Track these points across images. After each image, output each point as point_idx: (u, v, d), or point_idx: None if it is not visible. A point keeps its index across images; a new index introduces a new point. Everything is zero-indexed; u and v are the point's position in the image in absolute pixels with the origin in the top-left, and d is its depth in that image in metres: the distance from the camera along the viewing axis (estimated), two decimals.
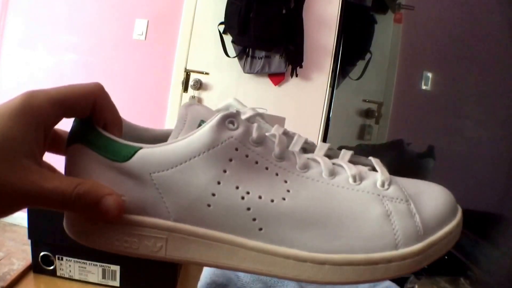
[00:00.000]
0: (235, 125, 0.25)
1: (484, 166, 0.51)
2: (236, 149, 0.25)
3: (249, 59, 2.16)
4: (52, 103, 0.25)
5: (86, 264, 0.69)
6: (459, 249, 0.50)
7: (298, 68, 2.18)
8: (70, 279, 0.70)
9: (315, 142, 1.16)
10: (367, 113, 1.07)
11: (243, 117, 0.28)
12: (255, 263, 0.25)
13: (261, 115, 0.28)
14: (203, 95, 2.26)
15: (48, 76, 2.26)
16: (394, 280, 0.52)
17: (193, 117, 0.26)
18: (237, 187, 0.24)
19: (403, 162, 0.77)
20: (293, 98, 2.26)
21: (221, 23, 2.12)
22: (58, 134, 0.30)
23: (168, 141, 0.25)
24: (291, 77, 2.22)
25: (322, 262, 0.24)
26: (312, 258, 0.24)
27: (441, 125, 0.64)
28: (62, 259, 0.69)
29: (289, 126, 1.18)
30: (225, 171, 0.24)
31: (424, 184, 0.29)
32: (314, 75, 2.26)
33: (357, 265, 0.25)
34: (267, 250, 0.25)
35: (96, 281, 0.70)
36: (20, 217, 2.04)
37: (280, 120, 0.31)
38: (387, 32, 1.03)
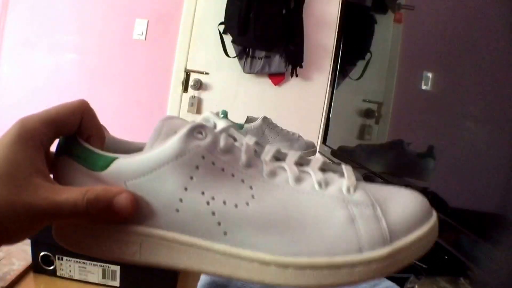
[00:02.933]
0: (203, 134, 0.27)
1: (484, 166, 0.51)
2: (203, 157, 0.26)
3: (249, 59, 2.16)
4: (44, 124, 0.27)
5: (86, 264, 0.69)
6: (459, 249, 0.50)
7: (298, 68, 2.18)
8: (70, 279, 0.70)
9: (315, 142, 1.15)
10: (367, 113, 1.07)
11: (217, 128, 0.29)
12: (222, 266, 0.26)
13: (234, 127, 0.30)
14: (203, 95, 2.26)
15: (48, 76, 2.26)
16: (393, 280, 0.52)
17: (168, 129, 0.27)
18: (203, 193, 0.26)
19: (403, 162, 0.77)
20: (293, 98, 2.26)
21: (221, 23, 2.12)
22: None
23: (143, 152, 0.27)
24: (291, 77, 2.22)
25: (285, 266, 0.25)
26: (275, 261, 0.25)
27: (441, 125, 0.64)
28: (62, 259, 0.69)
29: (289, 126, 1.17)
30: (192, 178, 0.26)
31: (393, 189, 0.29)
32: (314, 75, 2.26)
33: (319, 269, 0.25)
34: (232, 253, 0.26)
35: (96, 281, 0.70)
36: None
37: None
38: (387, 32, 1.03)
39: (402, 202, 0.27)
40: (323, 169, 0.29)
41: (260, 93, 2.24)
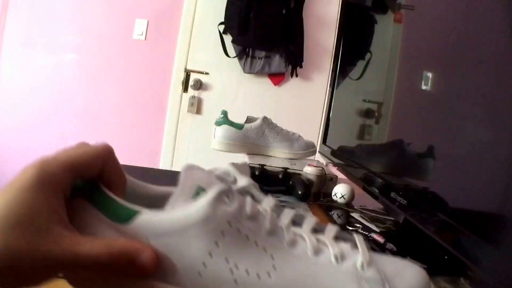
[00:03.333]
0: (230, 199, 0.27)
1: (484, 166, 0.51)
2: (229, 224, 0.27)
3: (249, 59, 2.16)
4: (65, 168, 0.26)
5: None
6: (459, 249, 0.50)
7: (298, 68, 2.18)
8: None
9: (315, 142, 1.15)
10: (367, 113, 1.07)
11: (238, 184, 0.30)
12: None
13: (255, 185, 0.30)
14: (203, 95, 2.26)
15: (48, 76, 2.26)
16: None
17: (192, 183, 0.27)
18: (227, 260, 0.26)
19: (403, 162, 0.77)
20: (293, 98, 2.26)
21: (221, 23, 2.12)
22: None
23: (167, 208, 0.27)
24: (291, 77, 2.22)
25: None
26: None
27: (441, 125, 0.64)
28: None
29: (289, 126, 1.17)
30: (217, 244, 0.26)
31: (400, 264, 0.32)
32: (314, 75, 2.26)
33: None
34: None
35: None
36: None
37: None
38: (387, 32, 1.03)
39: (407, 279, 0.30)
40: (337, 237, 0.31)
41: (260, 93, 2.24)
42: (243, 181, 0.30)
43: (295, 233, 0.29)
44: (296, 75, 2.20)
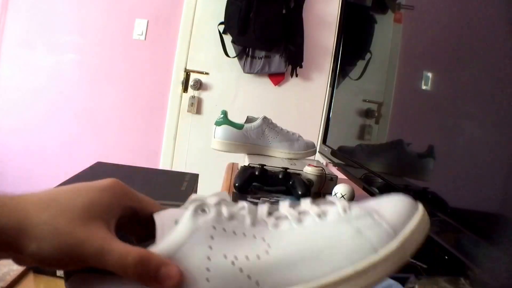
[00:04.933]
0: (206, 211, 0.30)
1: (484, 166, 0.51)
2: (214, 227, 0.29)
3: (249, 59, 2.16)
4: (129, 201, 0.30)
5: None
6: (459, 249, 0.50)
7: (298, 68, 2.18)
8: None
9: (315, 142, 1.15)
10: (367, 113, 1.07)
11: (211, 199, 0.32)
12: None
13: (226, 196, 0.33)
14: (203, 95, 2.26)
15: (48, 76, 2.26)
16: (394, 280, 0.52)
17: (168, 221, 0.29)
18: (225, 256, 0.28)
19: (403, 162, 0.77)
20: (293, 98, 2.26)
21: (221, 23, 2.12)
22: None
23: (157, 241, 0.29)
24: (291, 77, 2.22)
25: None
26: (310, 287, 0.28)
27: (441, 125, 0.64)
28: None
29: (289, 126, 1.17)
30: (210, 247, 0.28)
31: (379, 198, 0.33)
32: (314, 75, 2.26)
33: (349, 280, 0.28)
34: None
35: None
36: None
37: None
38: (387, 32, 1.03)
39: (391, 204, 0.32)
40: (314, 203, 0.33)
41: (260, 93, 2.24)
42: (212, 198, 0.32)
43: (276, 216, 0.32)
44: (296, 75, 2.20)
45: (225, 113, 1.14)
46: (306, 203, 0.33)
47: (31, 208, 0.25)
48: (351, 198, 0.88)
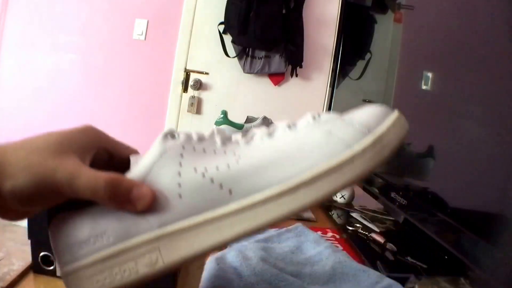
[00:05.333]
0: (175, 136, 0.30)
1: (484, 166, 0.51)
2: (183, 147, 0.29)
3: (249, 59, 2.15)
4: (103, 143, 0.31)
5: None
6: (459, 249, 0.50)
7: (298, 68, 2.18)
8: None
9: None
10: None
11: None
12: (242, 224, 0.26)
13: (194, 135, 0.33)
14: (203, 95, 2.26)
15: (48, 76, 2.26)
16: (393, 280, 0.52)
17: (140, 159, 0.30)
18: (195, 169, 0.28)
19: (403, 162, 0.77)
20: (293, 98, 2.25)
21: (221, 23, 2.12)
22: None
23: (132, 167, 0.29)
24: (291, 77, 2.22)
25: (296, 188, 0.26)
26: (285, 189, 0.26)
27: (441, 125, 0.64)
28: None
29: None
30: (180, 164, 0.28)
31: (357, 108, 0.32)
32: (314, 75, 2.26)
33: (326, 175, 0.27)
34: (245, 205, 0.27)
35: None
36: None
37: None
38: (387, 32, 1.03)
39: (363, 110, 0.30)
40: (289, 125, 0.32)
41: (260, 93, 2.24)
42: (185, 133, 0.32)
43: (247, 136, 0.31)
44: (296, 75, 2.20)
45: (225, 113, 1.14)
46: (278, 121, 0.32)
47: (8, 149, 0.26)
48: (351, 198, 0.88)
